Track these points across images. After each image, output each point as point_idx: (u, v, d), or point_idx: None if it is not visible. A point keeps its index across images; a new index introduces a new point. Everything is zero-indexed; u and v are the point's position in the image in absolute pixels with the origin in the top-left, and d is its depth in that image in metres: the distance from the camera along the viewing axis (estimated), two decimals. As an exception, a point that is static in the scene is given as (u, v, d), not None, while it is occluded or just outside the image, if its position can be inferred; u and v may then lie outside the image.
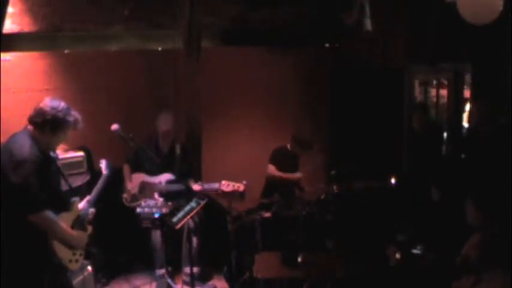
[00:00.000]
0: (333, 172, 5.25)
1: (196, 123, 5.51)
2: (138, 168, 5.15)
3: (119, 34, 5.72)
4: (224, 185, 4.64)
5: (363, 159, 5.96)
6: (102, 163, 4.18)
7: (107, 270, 5.15)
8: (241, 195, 4.68)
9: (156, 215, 4.01)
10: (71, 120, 3.32)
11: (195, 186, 4.79)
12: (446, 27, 5.34)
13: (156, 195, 4.63)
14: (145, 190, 5.05)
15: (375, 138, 6.12)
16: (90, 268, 4.31)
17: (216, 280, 5.19)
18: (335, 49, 6.73)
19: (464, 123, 5.69)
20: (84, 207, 3.66)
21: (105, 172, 4.08)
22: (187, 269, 4.69)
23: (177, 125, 5.28)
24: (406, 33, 6.10)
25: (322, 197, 5.10)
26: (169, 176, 4.99)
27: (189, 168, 5.19)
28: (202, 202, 4.23)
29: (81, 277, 4.07)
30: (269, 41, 6.34)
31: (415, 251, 4.23)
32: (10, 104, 5.20)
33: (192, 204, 4.21)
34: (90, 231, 3.66)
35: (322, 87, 6.76)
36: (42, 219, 3.15)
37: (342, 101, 6.61)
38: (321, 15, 6.34)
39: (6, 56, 5.31)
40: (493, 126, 4.50)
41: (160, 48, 5.95)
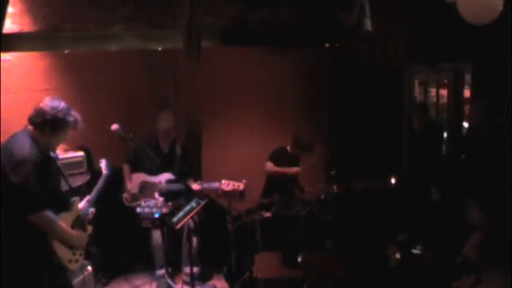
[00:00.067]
0: (333, 172, 5.23)
1: (196, 123, 5.51)
2: (138, 168, 5.15)
3: (119, 34, 5.72)
4: (224, 184, 4.65)
5: (363, 159, 5.95)
6: (102, 163, 4.19)
7: (107, 270, 5.15)
8: (241, 194, 4.69)
9: (156, 215, 4.00)
10: (71, 120, 3.32)
11: (195, 186, 4.79)
12: (446, 27, 5.33)
13: (156, 195, 4.64)
14: (145, 190, 5.05)
15: (375, 138, 6.12)
16: (90, 268, 4.31)
17: (216, 280, 5.19)
18: (335, 49, 6.73)
19: (464, 123, 5.68)
20: (84, 207, 3.67)
21: (105, 172, 4.09)
22: (187, 269, 4.69)
23: (177, 125, 5.28)
24: (406, 33, 6.09)
25: (322, 197, 5.10)
26: (169, 175, 4.98)
27: (189, 168, 5.20)
28: (202, 202, 4.22)
29: (81, 277, 4.07)
30: (269, 41, 6.34)
31: (415, 251, 4.23)
32: (10, 104, 5.21)
33: (192, 204, 4.20)
34: (90, 231, 3.67)
35: (322, 87, 6.76)
36: (42, 219, 3.15)
37: (342, 101, 6.61)
38: (321, 15, 6.34)
39: (6, 56, 5.31)
40: (493, 126, 4.50)
41: (160, 48, 5.95)
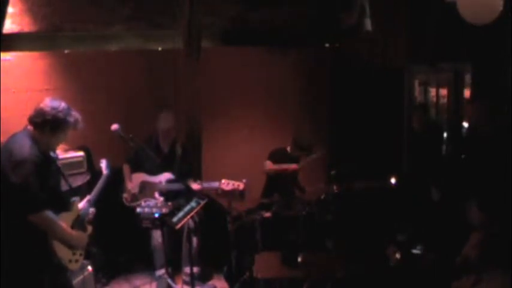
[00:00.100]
0: (333, 172, 5.23)
1: (196, 123, 5.50)
2: (138, 168, 5.15)
3: (119, 34, 5.71)
4: (224, 184, 4.65)
5: (363, 159, 5.95)
6: (103, 163, 4.19)
7: (107, 270, 5.15)
8: (241, 194, 4.68)
9: (156, 215, 4.00)
10: (71, 120, 3.32)
11: (194, 185, 4.79)
12: (446, 27, 5.32)
13: (156, 195, 4.64)
14: (145, 190, 5.05)
15: (375, 138, 6.11)
16: (90, 268, 4.31)
17: (216, 280, 5.19)
18: (335, 49, 6.72)
19: (464, 123, 5.68)
20: (84, 207, 3.67)
21: (105, 172, 4.09)
22: (187, 269, 4.69)
23: (177, 125, 5.28)
24: (406, 33, 6.09)
25: (322, 197, 5.09)
26: (169, 175, 4.98)
27: (189, 168, 5.20)
28: (202, 202, 4.22)
29: (81, 277, 4.07)
30: (269, 41, 6.33)
31: (415, 251, 4.23)
32: (10, 104, 5.21)
33: (192, 204, 4.20)
34: (90, 231, 3.67)
35: (322, 87, 6.76)
36: (42, 219, 3.16)
37: (342, 101, 6.60)
38: (321, 15, 6.34)
39: (7, 56, 5.32)
40: (493, 126, 4.49)
41: (160, 48, 5.94)
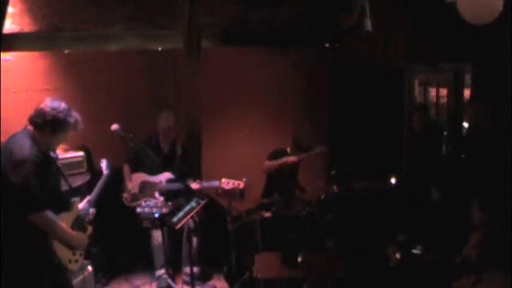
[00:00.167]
0: (333, 172, 5.23)
1: (196, 123, 5.50)
2: (138, 168, 5.15)
3: (119, 34, 5.71)
4: (224, 183, 4.64)
5: (363, 159, 5.95)
6: (103, 163, 4.19)
7: (107, 270, 5.14)
8: (241, 193, 4.68)
9: (156, 215, 4.01)
10: (71, 121, 3.32)
11: (194, 185, 4.79)
12: (446, 27, 5.32)
13: (156, 194, 4.64)
14: (145, 189, 5.05)
15: (375, 139, 6.11)
16: (90, 268, 4.31)
17: (216, 280, 5.18)
18: (335, 49, 6.72)
19: (464, 123, 5.68)
20: (85, 207, 3.67)
21: (105, 172, 4.09)
22: (187, 269, 4.69)
23: (177, 125, 5.28)
24: (406, 33, 6.09)
25: (322, 197, 5.09)
26: (169, 175, 4.98)
27: (189, 168, 5.20)
28: (202, 202, 4.23)
29: (81, 277, 4.07)
30: (269, 41, 6.33)
31: (415, 251, 4.23)
32: (10, 104, 5.21)
33: (192, 204, 4.21)
34: (90, 231, 3.67)
35: (322, 87, 6.76)
36: (42, 220, 3.16)
37: (342, 101, 6.60)
38: (321, 15, 6.34)
39: (7, 56, 5.31)
40: (493, 126, 4.49)
41: (160, 48, 5.94)
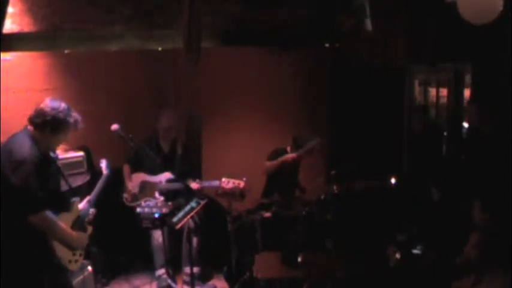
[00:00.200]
0: (333, 172, 5.23)
1: (196, 123, 5.51)
2: (138, 168, 5.15)
3: (119, 34, 5.71)
4: (224, 182, 4.64)
5: (363, 159, 5.94)
6: (103, 163, 4.19)
7: (107, 270, 5.14)
8: (242, 193, 4.68)
9: (156, 215, 4.00)
10: (71, 121, 3.32)
11: (194, 185, 4.79)
12: (446, 27, 5.32)
13: (156, 194, 4.64)
14: (145, 189, 5.05)
15: (375, 138, 6.11)
16: (90, 268, 4.30)
17: (216, 280, 5.19)
18: (335, 49, 6.72)
19: (464, 123, 5.68)
20: (85, 207, 3.67)
21: (105, 172, 4.09)
22: (187, 269, 4.69)
23: (178, 125, 5.28)
24: (406, 33, 6.09)
25: (322, 197, 5.10)
26: (169, 175, 4.98)
27: (189, 168, 5.20)
28: (202, 202, 4.22)
29: (81, 277, 4.06)
30: (269, 41, 6.33)
31: (415, 251, 4.23)
32: (10, 104, 5.21)
33: (192, 204, 4.20)
34: (90, 231, 3.67)
35: (322, 87, 6.75)
36: (42, 220, 3.15)
37: (342, 101, 6.60)
38: (321, 16, 6.33)
39: (7, 56, 5.31)
40: (493, 127, 4.50)
41: (160, 48, 5.95)
